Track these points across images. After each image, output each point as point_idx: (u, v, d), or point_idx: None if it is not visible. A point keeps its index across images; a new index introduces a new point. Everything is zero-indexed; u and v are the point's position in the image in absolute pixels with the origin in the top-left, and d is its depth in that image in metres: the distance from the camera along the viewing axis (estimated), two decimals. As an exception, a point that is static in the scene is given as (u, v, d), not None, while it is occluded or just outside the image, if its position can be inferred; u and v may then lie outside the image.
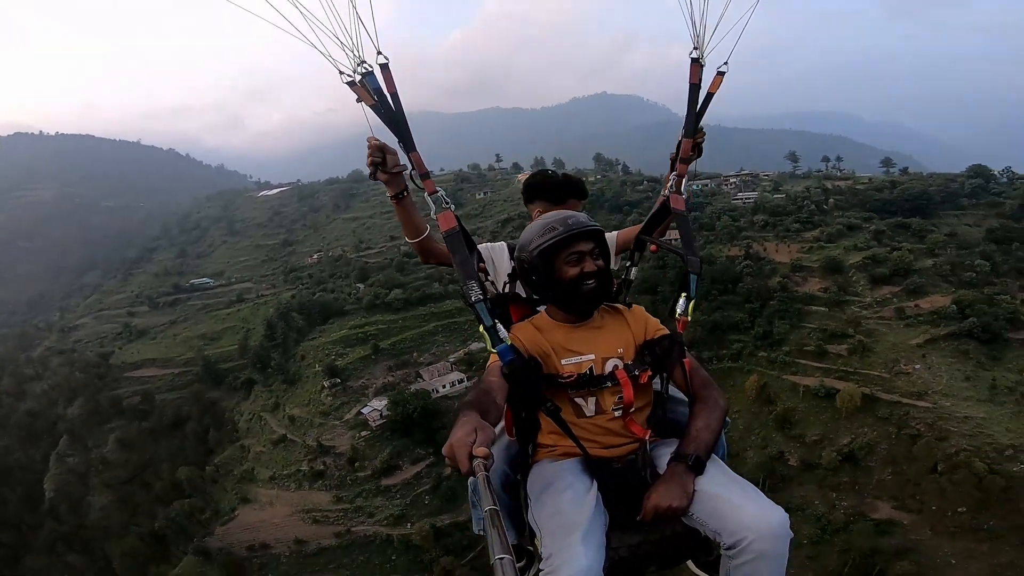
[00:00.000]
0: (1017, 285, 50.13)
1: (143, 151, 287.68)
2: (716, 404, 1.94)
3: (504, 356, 1.80)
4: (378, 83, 2.03)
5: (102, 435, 68.01)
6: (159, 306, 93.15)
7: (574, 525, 1.63)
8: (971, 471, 34.32)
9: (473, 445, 1.25)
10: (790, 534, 1.64)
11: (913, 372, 41.05)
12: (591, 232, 1.97)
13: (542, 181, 2.74)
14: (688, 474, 1.76)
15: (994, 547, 33.96)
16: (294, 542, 44.14)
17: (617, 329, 2.06)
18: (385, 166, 2.19)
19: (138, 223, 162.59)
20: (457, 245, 2.01)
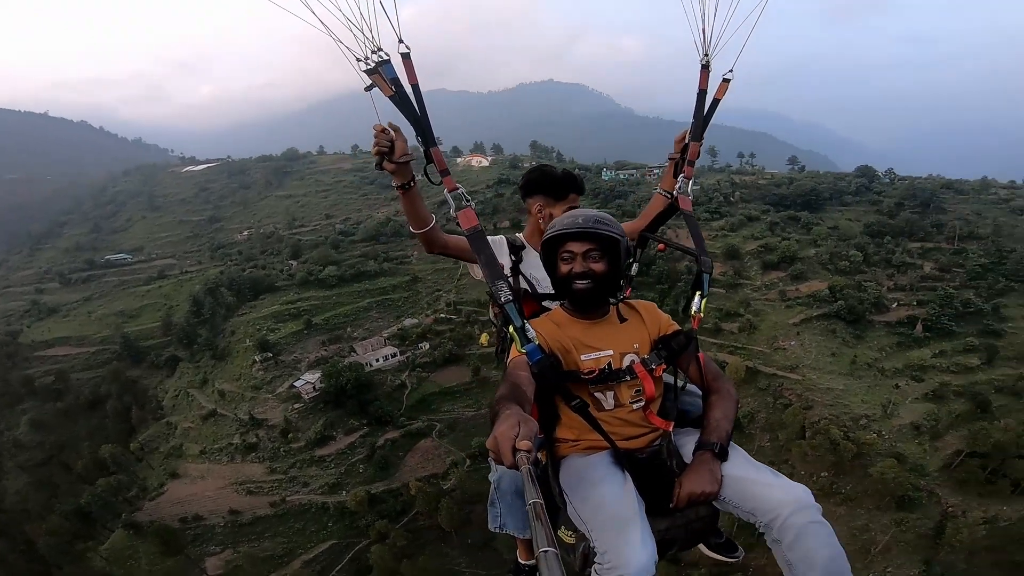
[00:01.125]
0: (885, 274, 58.24)
1: (51, 122, 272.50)
2: (730, 395, 2.05)
3: (533, 356, 1.85)
4: (395, 73, 1.96)
5: (13, 417, 65.82)
6: (71, 282, 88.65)
7: (625, 520, 1.72)
8: (828, 437, 39.79)
9: (517, 439, 1.25)
10: (817, 505, 1.76)
11: (788, 348, 47.15)
12: (584, 234, 1.99)
13: (541, 177, 2.74)
14: (715, 461, 1.88)
15: (850, 510, 38.49)
16: (228, 512, 44.96)
17: (632, 325, 2.12)
18: (392, 155, 2.06)
19: (43, 197, 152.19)
20: (482, 244, 2.04)
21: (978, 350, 48.84)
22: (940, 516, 37.37)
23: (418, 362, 55.64)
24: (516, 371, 1.82)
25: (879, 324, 52.03)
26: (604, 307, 2.11)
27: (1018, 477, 37.47)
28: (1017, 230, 61.94)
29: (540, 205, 2.70)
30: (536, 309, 2.39)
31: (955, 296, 53.32)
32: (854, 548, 36.59)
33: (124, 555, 43.95)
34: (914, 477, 39.31)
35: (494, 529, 2.70)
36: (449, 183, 2.09)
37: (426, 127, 2.02)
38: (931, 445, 41.95)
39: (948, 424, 42.57)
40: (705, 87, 2.42)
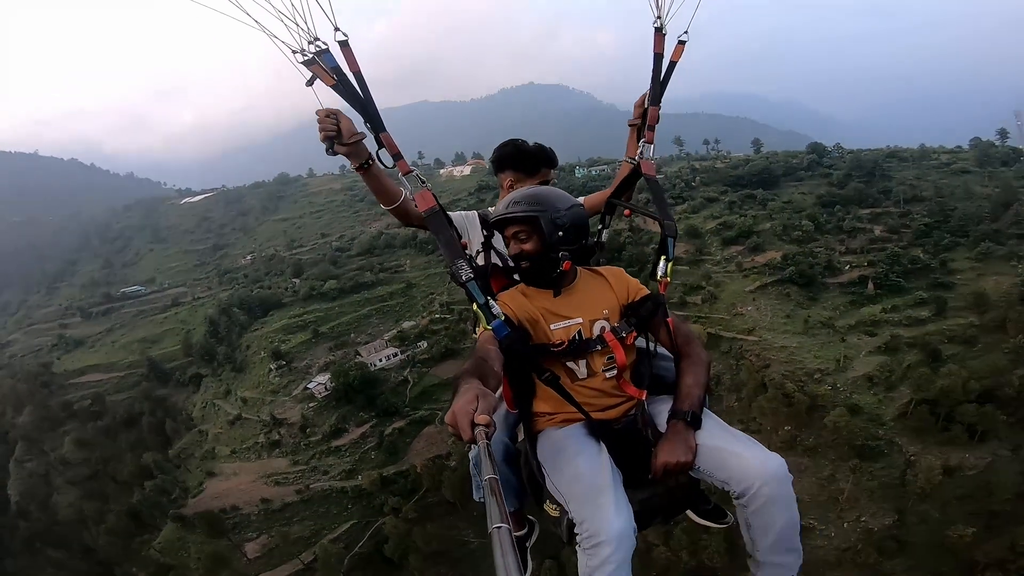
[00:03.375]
0: (836, 240, 63.51)
1: (42, 162, 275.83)
2: (700, 359, 2.07)
3: (499, 332, 1.86)
4: (335, 62, 1.94)
5: (57, 438, 71.02)
6: (92, 316, 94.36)
7: (599, 488, 1.75)
8: (783, 392, 43.78)
9: (475, 413, 1.24)
10: (790, 476, 1.81)
11: (746, 313, 52.41)
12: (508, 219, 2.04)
13: (513, 152, 2.70)
14: (688, 430, 1.90)
15: (815, 461, 41.21)
16: (260, 502, 50.10)
17: (601, 292, 2.13)
18: (341, 136, 2.01)
19: (49, 237, 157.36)
20: (440, 225, 2.04)
21: (928, 303, 52.96)
22: (904, 464, 40.20)
23: (418, 359, 61.00)
24: (484, 345, 1.82)
25: (833, 286, 57.16)
26: (568, 276, 2.11)
27: (970, 422, 40.60)
28: (959, 190, 67.23)
29: (511, 180, 2.70)
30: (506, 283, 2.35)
31: (902, 255, 58.32)
32: (823, 499, 40.27)
33: (175, 546, 49.07)
34: (872, 426, 42.62)
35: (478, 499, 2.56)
36: (403, 166, 2.09)
37: (373, 113, 2.00)
38: (886, 396, 45.36)
39: (901, 375, 45.77)
40: (661, 51, 2.44)
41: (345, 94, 1.98)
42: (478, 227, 2.72)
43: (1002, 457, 39.95)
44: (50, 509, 63.66)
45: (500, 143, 2.85)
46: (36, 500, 65.37)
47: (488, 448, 1.15)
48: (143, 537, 51.32)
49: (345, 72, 1.97)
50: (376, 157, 2.11)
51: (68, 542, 58.18)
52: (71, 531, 58.99)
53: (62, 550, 57.62)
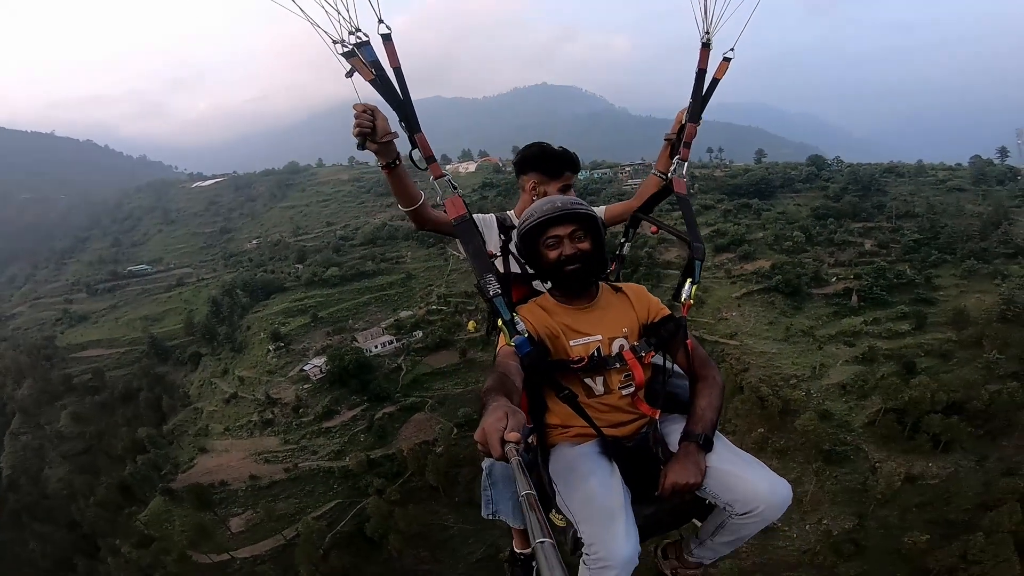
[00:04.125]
0: (826, 252, 64.84)
1: (57, 142, 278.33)
2: (716, 383, 2.08)
3: (522, 348, 1.84)
4: (375, 55, 1.90)
5: (54, 412, 72.39)
6: (97, 292, 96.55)
7: (611, 512, 1.77)
8: (757, 395, 45.42)
9: (505, 430, 1.24)
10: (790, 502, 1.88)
11: (730, 318, 53.98)
12: (568, 216, 1.98)
13: (538, 153, 2.69)
14: (700, 452, 1.91)
15: (784, 463, 42.11)
16: (249, 478, 51.59)
17: (621, 309, 2.13)
18: (375, 134, 1.99)
19: (59, 215, 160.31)
20: (469, 235, 2.02)
21: (909, 317, 54.30)
22: (869, 471, 41.50)
23: (412, 348, 62.63)
24: (505, 360, 1.81)
25: (818, 296, 58.62)
26: (592, 291, 2.11)
27: (936, 432, 41.83)
28: (950, 208, 68.37)
29: (534, 182, 2.68)
30: (526, 292, 2.33)
31: (888, 269, 59.63)
32: None
33: (161, 519, 50.24)
34: (840, 432, 44.05)
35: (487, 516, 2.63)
36: (436, 170, 2.07)
37: (410, 112, 1.98)
38: (857, 404, 46.82)
39: (874, 385, 47.09)
40: (705, 66, 2.39)
41: (383, 90, 1.95)
42: (495, 231, 2.68)
43: (965, 468, 41.36)
44: (40, 483, 65.02)
45: (525, 145, 2.83)
46: (28, 473, 66.89)
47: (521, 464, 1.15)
48: (131, 509, 52.58)
49: (385, 67, 1.93)
50: (409, 157, 2.09)
51: (54, 516, 59.08)
52: (59, 505, 59.95)
53: (48, 524, 58.48)
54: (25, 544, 56.23)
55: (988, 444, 42.65)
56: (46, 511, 60.40)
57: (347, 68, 1.91)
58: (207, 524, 47.50)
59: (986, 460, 41.52)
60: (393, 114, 2.02)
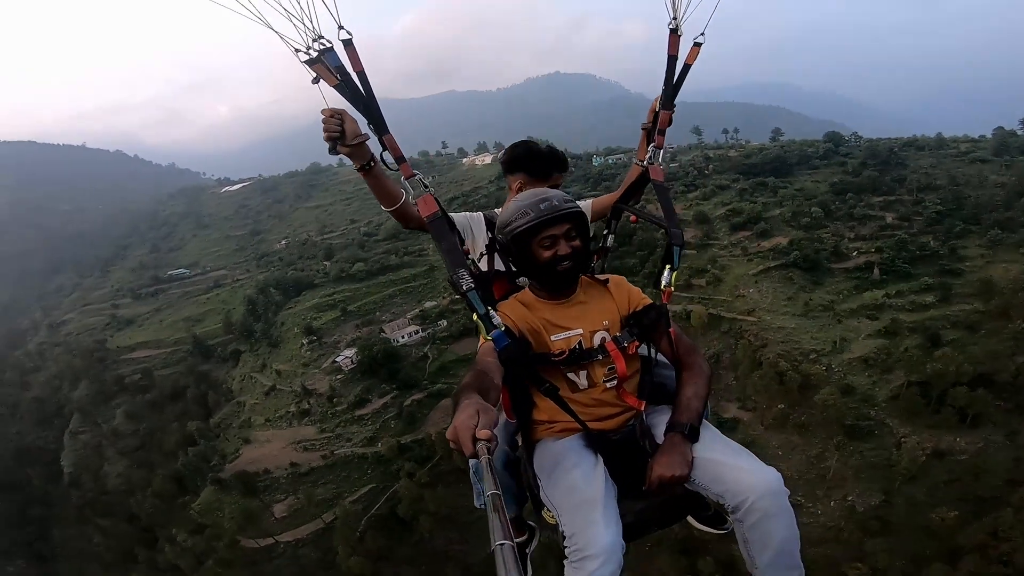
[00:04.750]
0: (847, 226, 64.54)
1: (89, 153, 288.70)
2: (701, 371, 2.07)
3: (499, 342, 1.85)
4: (339, 61, 1.93)
5: (109, 411, 76.24)
6: (141, 297, 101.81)
7: (591, 503, 1.76)
8: (776, 371, 45.39)
9: (476, 428, 1.24)
10: (786, 490, 1.80)
11: (747, 295, 54.38)
12: (565, 215, 1.98)
13: (525, 153, 2.68)
14: (685, 443, 1.89)
15: (807, 440, 42.48)
16: (290, 465, 54.58)
17: (601, 302, 2.12)
18: (345, 138, 2.02)
19: (99, 224, 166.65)
20: (442, 232, 2.03)
21: (934, 289, 53.63)
22: (894, 446, 40.94)
23: (438, 336, 64.98)
24: (484, 358, 1.82)
25: (838, 271, 58.49)
26: (573, 285, 2.11)
27: (961, 405, 41.06)
28: (973, 179, 67.18)
29: (521, 183, 2.67)
30: (509, 289, 2.32)
31: (910, 241, 59.11)
32: (811, 476, 41.49)
33: (212, 508, 53.34)
34: (863, 407, 43.68)
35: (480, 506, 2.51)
36: (406, 169, 2.08)
37: (376, 114, 1.99)
38: (881, 378, 46.24)
39: (898, 358, 46.55)
40: (675, 52, 2.39)
41: (348, 94, 1.97)
42: (483, 229, 2.69)
43: (995, 443, 40.47)
44: (101, 479, 68.02)
45: (511, 144, 2.83)
46: (89, 471, 69.88)
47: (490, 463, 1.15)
48: (184, 499, 56.04)
49: (349, 72, 1.95)
50: (380, 159, 2.10)
51: (115, 511, 61.68)
52: (118, 500, 62.77)
53: (109, 518, 61.17)
54: (89, 539, 59.42)
55: (1019, 418, 41.64)
56: (107, 506, 63.38)
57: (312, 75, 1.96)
58: (254, 510, 50.40)
59: (1017, 435, 40.61)
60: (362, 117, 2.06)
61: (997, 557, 32.66)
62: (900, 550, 35.52)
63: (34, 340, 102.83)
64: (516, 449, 2.31)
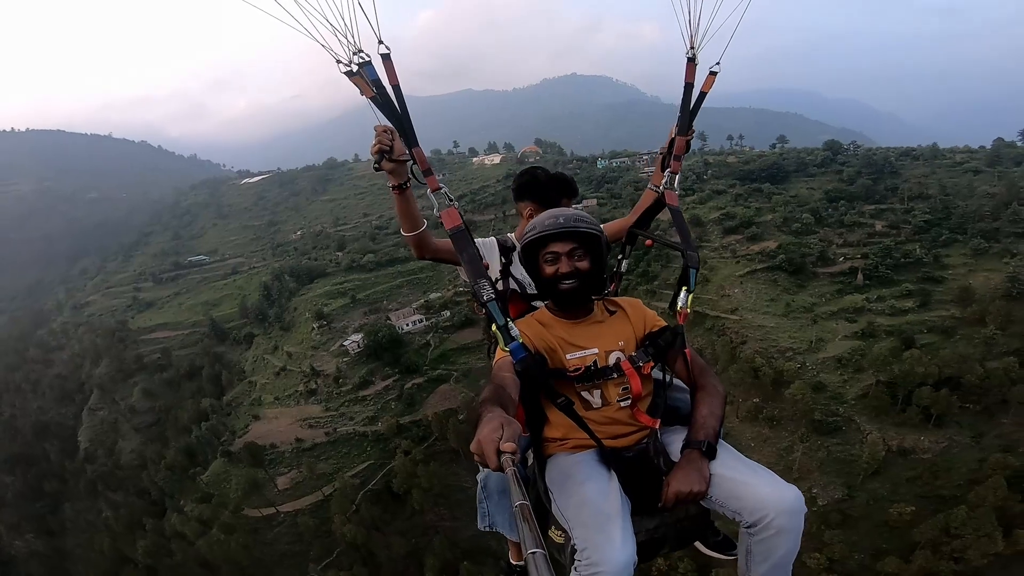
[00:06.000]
0: (836, 232, 66.75)
1: (115, 144, 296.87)
2: (716, 391, 2.06)
3: (516, 354, 1.88)
4: (376, 74, 1.99)
5: (128, 388, 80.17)
6: (162, 281, 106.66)
7: (606, 517, 1.73)
8: (751, 366, 47.88)
9: (500, 441, 1.25)
10: (804, 509, 1.78)
11: (732, 295, 56.91)
12: (568, 233, 2.00)
13: (530, 181, 2.76)
14: (703, 460, 1.88)
15: (777, 432, 44.62)
16: (295, 441, 57.83)
17: (618, 323, 2.14)
18: (392, 153, 2.13)
19: (123, 212, 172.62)
20: (464, 243, 2.06)
21: (914, 295, 55.46)
22: (860, 442, 42.78)
23: (440, 326, 68.37)
24: (500, 372, 1.84)
25: (823, 275, 60.61)
26: (589, 306, 2.14)
27: (925, 404, 42.89)
28: (964, 189, 68.98)
29: (531, 210, 2.73)
30: (524, 309, 2.39)
31: (894, 248, 61.09)
32: (779, 468, 41.40)
33: (220, 479, 56.28)
34: (833, 404, 45.68)
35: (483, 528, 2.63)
36: (432, 182, 2.13)
37: (408, 127, 2.06)
38: (852, 377, 48.18)
39: (872, 359, 48.32)
40: (692, 80, 2.44)
41: (383, 107, 2.03)
42: (496, 253, 2.73)
43: (960, 443, 42.14)
44: (115, 455, 71.22)
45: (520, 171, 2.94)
46: (104, 446, 73.46)
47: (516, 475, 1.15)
48: (195, 470, 59.27)
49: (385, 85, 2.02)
50: (410, 171, 2.18)
51: (126, 485, 64.35)
52: (130, 475, 65.75)
53: (121, 492, 63.63)
54: (99, 513, 61.77)
55: (986, 421, 43.30)
56: (119, 481, 66.40)
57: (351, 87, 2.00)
58: (259, 479, 53.75)
59: (983, 437, 42.19)
60: None
61: (949, 553, 34.22)
62: (859, 543, 37.25)
63: (58, 320, 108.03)
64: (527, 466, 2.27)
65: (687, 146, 2.57)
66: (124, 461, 69.82)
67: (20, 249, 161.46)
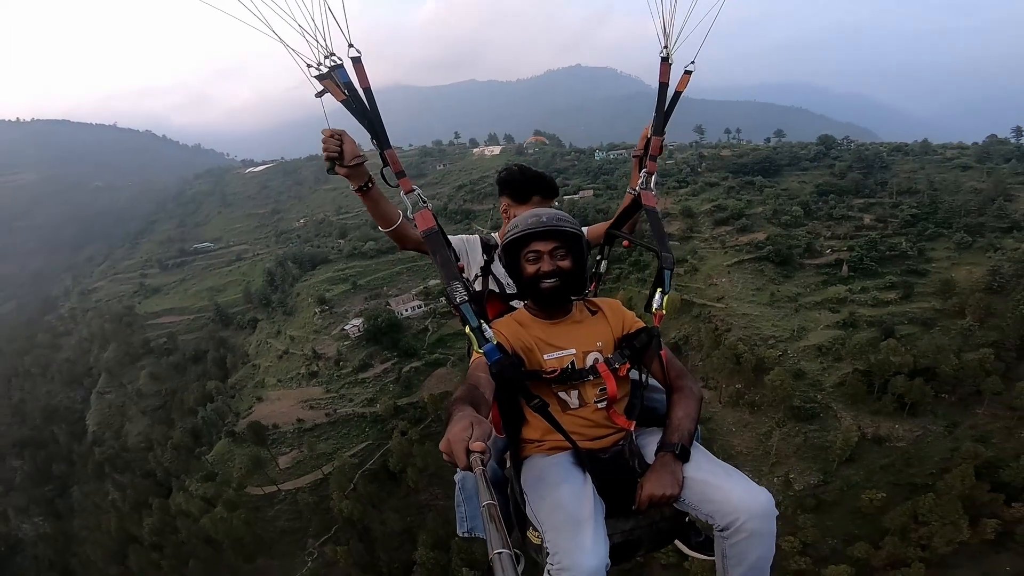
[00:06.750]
0: (824, 225, 68.23)
1: (120, 133, 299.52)
2: (692, 393, 2.09)
3: (491, 356, 1.86)
4: (348, 77, 1.98)
5: (135, 372, 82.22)
6: (168, 267, 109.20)
7: (578, 520, 1.73)
8: (734, 352, 49.42)
9: (470, 440, 1.24)
10: (775, 512, 1.82)
11: (719, 284, 58.63)
12: (550, 232, 2.02)
13: (508, 178, 2.78)
14: (676, 463, 1.90)
15: (757, 418, 45.93)
16: (296, 421, 59.76)
17: (596, 324, 2.16)
18: (343, 159, 2.11)
19: (128, 201, 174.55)
20: (437, 245, 2.08)
21: (897, 287, 56.82)
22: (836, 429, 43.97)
23: (438, 312, 70.21)
24: (475, 372, 1.84)
25: (809, 266, 62.22)
26: (568, 306, 2.15)
27: (899, 393, 44.21)
28: (952, 185, 70.30)
29: (507, 204, 2.79)
30: (502, 309, 2.39)
31: (879, 241, 62.62)
32: (759, 453, 45.10)
33: (224, 458, 58.42)
34: (811, 391, 47.01)
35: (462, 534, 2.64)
36: (405, 184, 2.14)
37: (380, 130, 2.06)
38: (832, 365, 49.45)
39: (851, 348, 49.46)
40: (666, 80, 2.43)
41: (354, 110, 2.04)
42: (479, 251, 2.76)
43: (933, 432, 43.47)
44: (122, 437, 73.06)
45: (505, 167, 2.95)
46: (111, 429, 75.31)
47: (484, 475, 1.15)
48: (200, 450, 61.30)
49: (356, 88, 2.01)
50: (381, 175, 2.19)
51: (132, 467, 65.99)
52: (137, 457, 67.37)
53: (127, 474, 65.08)
54: (105, 495, 63.53)
55: (961, 411, 44.64)
56: (126, 463, 68.34)
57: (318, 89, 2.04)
58: (262, 457, 55.68)
59: (957, 427, 43.51)
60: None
61: (916, 540, 35.50)
62: (832, 528, 38.52)
63: (65, 306, 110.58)
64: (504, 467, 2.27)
65: (662, 146, 2.58)
66: (131, 443, 71.67)
67: (26, 237, 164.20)
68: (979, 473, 37.79)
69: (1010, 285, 51.89)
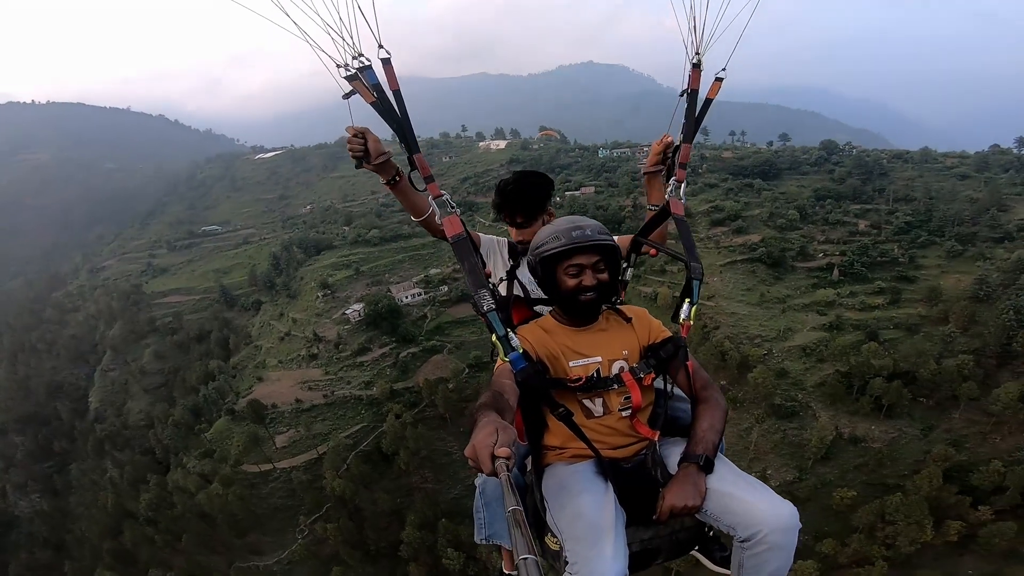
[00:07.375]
0: (819, 230, 69.27)
1: (133, 117, 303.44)
2: (718, 405, 2.05)
3: (516, 364, 1.85)
4: (377, 79, 1.96)
5: (139, 350, 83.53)
6: (176, 248, 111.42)
7: (599, 531, 1.71)
8: (720, 349, 50.80)
9: (495, 446, 1.25)
10: (799, 525, 1.79)
11: (711, 283, 59.82)
12: (595, 246, 2.00)
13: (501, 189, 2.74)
14: (699, 474, 1.87)
15: (739, 414, 46.01)
16: (295, 402, 61.17)
17: (621, 332, 2.13)
18: (369, 157, 2.09)
19: (139, 183, 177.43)
20: (465, 252, 2.04)
21: (885, 293, 57.99)
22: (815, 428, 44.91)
23: (438, 300, 71.96)
24: (500, 379, 1.83)
25: (801, 269, 63.54)
26: (595, 315, 2.13)
27: (877, 395, 45.44)
28: (948, 194, 70.99)
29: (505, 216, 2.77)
30: (528, 315, 2.37)
31: (871, 247, 63.65)
32: (739, 448, 45.85)
33: (223, 436, 59.32)
34: (793, 390, 48.37)
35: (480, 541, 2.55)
36: (434, 189, 2.12)
37: (408, 133, 2.03)
38: (815, 366, 50.84)
39: (833, 350, 50.72)
40: (697, 87, 2.40)
41: (383, 112, 2.01)
42: (505, 253, 2.75)
43: (909, 435, 44.70)
44: (123, 415, 74.00)
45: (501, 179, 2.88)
46: (113, 406, 76.20)
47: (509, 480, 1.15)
48: (200, 427, 62.69)
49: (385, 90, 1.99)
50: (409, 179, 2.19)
51: (132, 445, 66.82)
52: (137, 435, 68.02)
53: (127, 451, 65.66)
54: (103, 472, 64.30)
55: (937, 415, 45.78)
56: (126, 440, 68.97)
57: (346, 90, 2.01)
58: (260, 435, 56.68)
59: (933, 430, 44.63)
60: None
61: (882, 539, 36.47)
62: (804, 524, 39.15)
63: (74, 283, 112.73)
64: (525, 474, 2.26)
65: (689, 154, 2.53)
66: (132, 421, 72.76)
67: (38, 215, 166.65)
68: (950, 476, 38.92)
69: (996, 294, 53.03)
